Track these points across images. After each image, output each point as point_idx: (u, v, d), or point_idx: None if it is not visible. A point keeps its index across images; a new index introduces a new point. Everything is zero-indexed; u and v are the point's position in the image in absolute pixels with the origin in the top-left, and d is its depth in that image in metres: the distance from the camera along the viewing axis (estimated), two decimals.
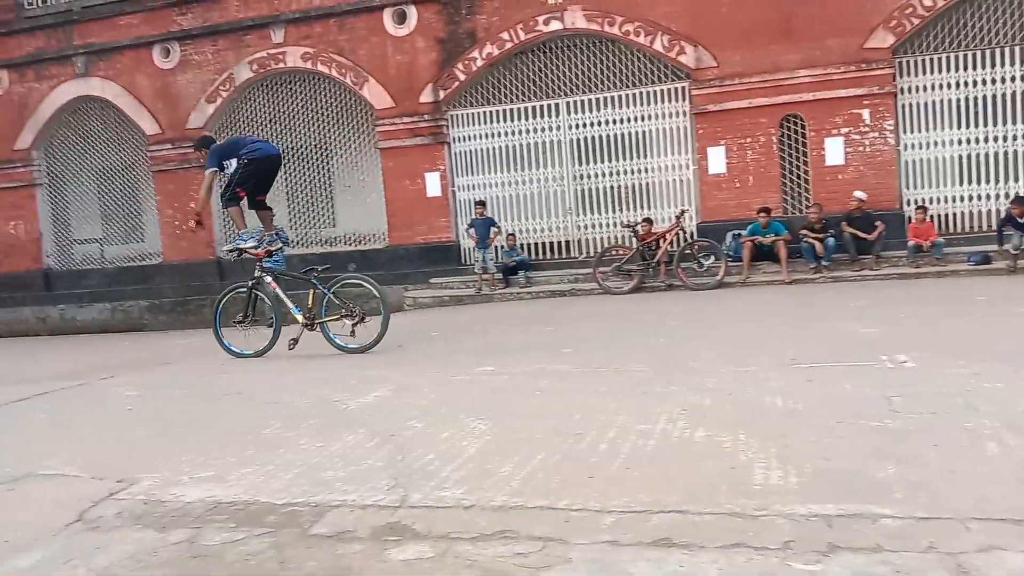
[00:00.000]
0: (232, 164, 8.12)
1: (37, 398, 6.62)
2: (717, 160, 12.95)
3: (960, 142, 12.34)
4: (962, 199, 12.44)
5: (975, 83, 12.19)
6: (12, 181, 16.44)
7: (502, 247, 13.64)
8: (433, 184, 14.23)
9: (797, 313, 8.94)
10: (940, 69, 12.29)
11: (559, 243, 14.10)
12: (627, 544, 2.75)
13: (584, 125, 13.77)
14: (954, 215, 12.49)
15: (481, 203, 13.62)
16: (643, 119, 13.48)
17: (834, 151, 12.49)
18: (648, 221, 12.85)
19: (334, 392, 5.77)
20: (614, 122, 13.61)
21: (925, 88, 12.39)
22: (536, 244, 14.13)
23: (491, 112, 14.12)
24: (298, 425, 4.82)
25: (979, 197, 12.37)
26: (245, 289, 8.32)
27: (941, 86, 12.32)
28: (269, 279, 8.23)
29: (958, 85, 12.25)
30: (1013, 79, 12.07)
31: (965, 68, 12.20)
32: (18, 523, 3.46)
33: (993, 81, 12.13)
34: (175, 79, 15.30)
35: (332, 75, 14.51)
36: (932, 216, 12.18)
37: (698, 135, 13.09)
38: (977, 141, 12.28)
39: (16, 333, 16.06)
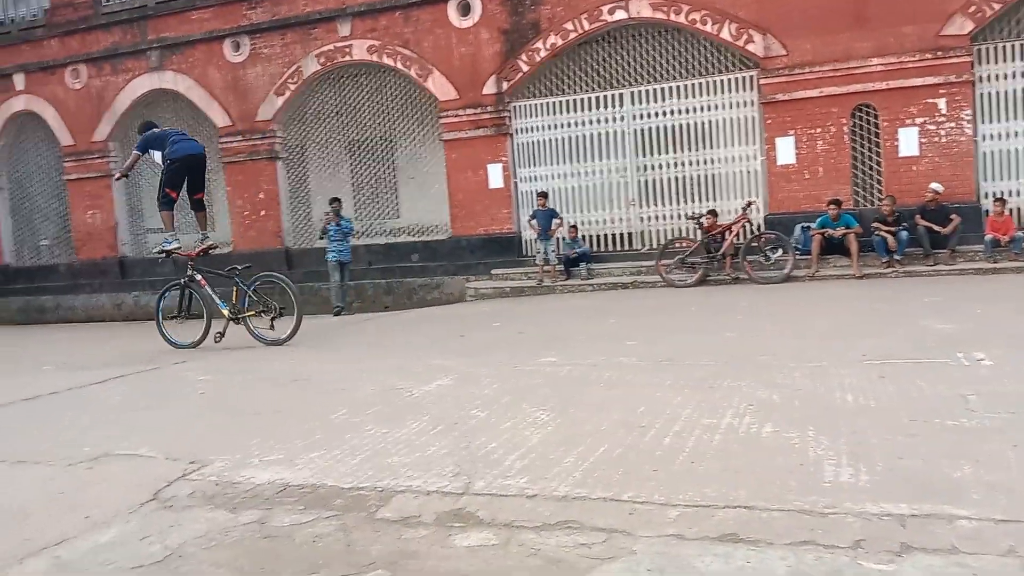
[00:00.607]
0: (157, 156, 8.66)
1: (113, 381, 6.87)
2: (786, 151, 12.66)
3: None
4: None
5: None
6: (90, 171, 17.03)
7: (564, 239, 13.60)
8: (496, 176, 14.25)
9: (868, 308, 8.71)
10: (1022, 56, 11.79)
11: (621, 235, 13.98)
12: (693, 538, 2.72)
13: (648, 115, 13.59)
14: None
15: (543, 194, 13.57)
16: (709, 109, 13.24)
17: (908, 142, 12.10)
18: (713, 213, 12.66)
19: (398, 380, 5.85)
20: (679, 112, 13.40)
21: (1006, 76, 11.89)
22: (598, 236, 14.05)
23: (554, 103, 14.06)
24: (364, 411, 4.89)
25: None
26: (179, 286, 9.13)
27: (1023, 74, 11.83)
28: (199, 277, 8.98)
29: None
30: None
31: None
32: (97, 501, 3.59)
33: None
34: (245, 72, 15.62)
35: (397, 67, 14.63)
36: (1011, 209, 11.70)
37: (766, 125, 12.83)
38: None
39: (94, 319, 16.71)
